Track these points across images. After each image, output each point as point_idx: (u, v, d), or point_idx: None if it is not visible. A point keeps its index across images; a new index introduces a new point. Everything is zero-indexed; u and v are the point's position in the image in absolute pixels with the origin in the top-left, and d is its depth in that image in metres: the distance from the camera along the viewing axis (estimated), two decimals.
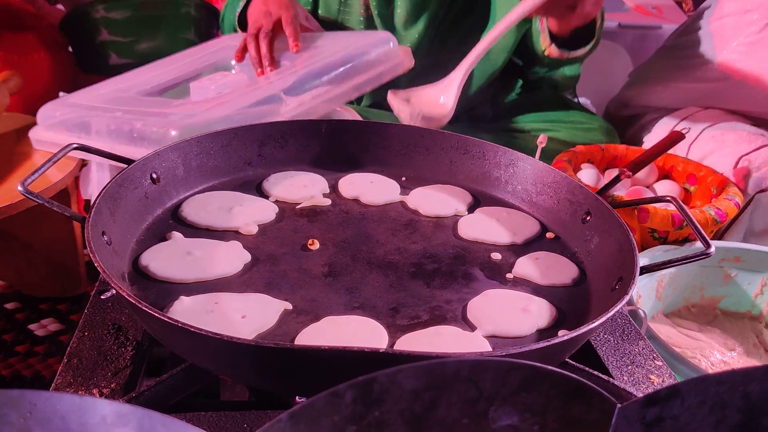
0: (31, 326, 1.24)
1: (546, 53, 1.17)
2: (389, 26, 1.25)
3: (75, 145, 0.73)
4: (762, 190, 1.26)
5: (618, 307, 0.56)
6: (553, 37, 1.14)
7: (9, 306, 1.30)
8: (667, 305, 1.16)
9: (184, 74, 1.16)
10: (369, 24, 1.27)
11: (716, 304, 1.19)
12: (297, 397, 0.65)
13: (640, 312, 0.84)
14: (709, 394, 0.39)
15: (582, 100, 1.83)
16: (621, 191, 1.25)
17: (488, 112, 1.36)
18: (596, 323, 0.54)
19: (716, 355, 1.08)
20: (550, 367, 0.37)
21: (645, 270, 0.63)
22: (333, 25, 1.29)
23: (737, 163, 1.29)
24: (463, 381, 0.36)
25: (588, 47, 1.14)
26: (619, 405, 0.38)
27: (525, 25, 1.20)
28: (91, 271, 1.38)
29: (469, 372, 0.35)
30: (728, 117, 1.41)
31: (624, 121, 1.59)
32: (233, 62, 1.18)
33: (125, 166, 0.74)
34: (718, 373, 0.38)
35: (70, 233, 1.30)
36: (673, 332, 1.12)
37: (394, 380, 0.35)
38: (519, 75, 1.43)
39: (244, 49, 1.15)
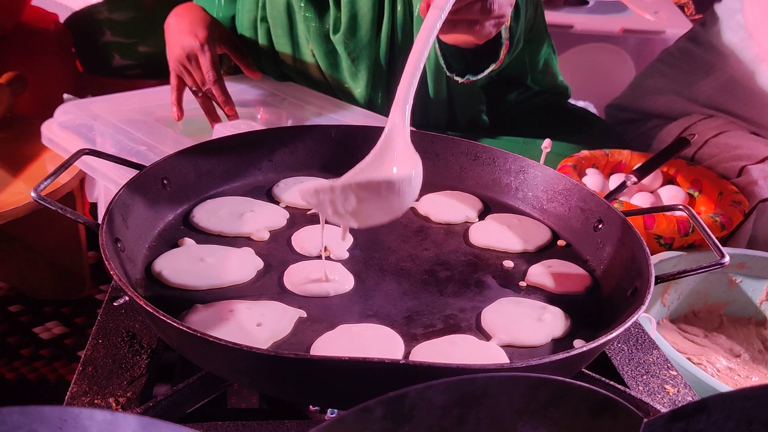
0: (36, 329, 1.24)
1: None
2: (337, 81, 1.24)
3: (86, 151, 0.73)
4: (766, 199, 1.27)
5: (636, 317, 0.56)
6: (452, 67, 0.99)
7: (12, 308, 1.30)
8: (672, 311, 1.17)
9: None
10: (322, 73, 1.25)
11: (721, 310, 1.19)
12: (311, 406, 0.65)
13: (648, 319, 0.84)
14: (735, 410, 0.39)
15: (585, 104, 1.84)
16: (626, 196, 1.25)
17: (485, 121, 1.36)
18: (615, 333, 0.54)
19: (722, 361, 1.08)
20: (578, 383, 0.37)
21: (660, 279, 0.63)
22: (293, 70, 1.28)
23: (741, 171, 1.29)
24: (493, 396, 0.36)
25: (492, 67, 0.96)
26: (645, 420, 0.38)
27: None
28: (95, 273, 1.37)
29: (498, 388, 0.35)
30: (732, 125, 1.41)
31: (623, 126, 1.59)
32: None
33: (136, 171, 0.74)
34: (745, 389, 0.39)
35: (74, 235, 1.29)
36: (678, 338, 1.12)
37: (424, 396, 0.34)
38: (516, 82, 1.43)
39: (180, 104, 1.13)
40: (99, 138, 1.05)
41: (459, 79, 0.98)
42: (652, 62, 1.62)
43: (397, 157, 0.64)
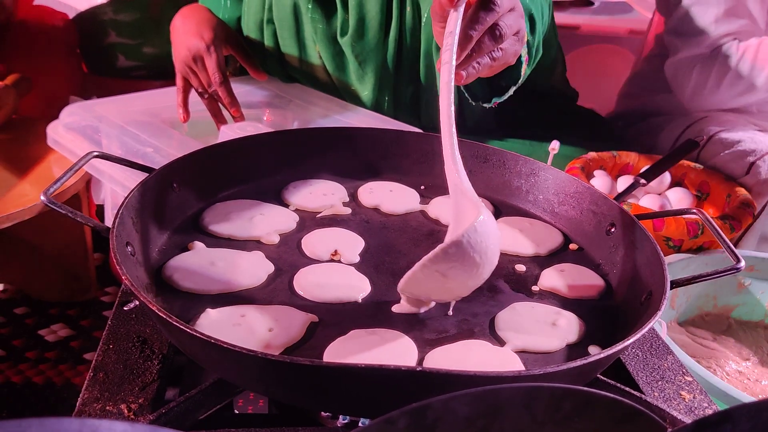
0: (41, 331, 1.23)
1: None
2: (344, 83, 1.23)
3: (96, 153, 0.72)
4: None
5: (652, 323, 0.55)
6: (474, 95, 0.99)
7: (18, 311, 1.29)
8: (681, 314, 1.16)
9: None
10: (328, 75, 1.25)
11: (729, 312, 1.19)
12: (322, 412, 0.64)
13: (659, 323, 0.84)
14: (760, 420, 0.38)
15: (590, 105, 1.83)
16: (633, 198, 1.25)
17: (491, 123, 1.35)
18: (631, 339, 0.53)
19: (731, 364, 1.07)
20: (603, 393, 0.36)
21: (675, 284, 0.62)
22: (299, 72, 1.28)
23: (749, 169, 1.29)
24: (516, 407, 0.35)
25: (514, 88, 0.96)
26: (669, 430, 0.38)
27: None
28: (100, 276, 1.37)
29: (522, 398, 0.35)
30: (735, 122, 1.40)
31: (624, 131, 1.59)
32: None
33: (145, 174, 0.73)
34: None
35: (80, 238, 1.29)
36: (687, 341, 1.11)
37: (448, 407, 0.34)
38: (524, 85, 1.41)
39: (186, 106, 1.13)
40: (105, 140, 1.05)
41: (486, 105, 0.97)
42: (628, 78, 1.65)
43: (464, 216, 0.61)
